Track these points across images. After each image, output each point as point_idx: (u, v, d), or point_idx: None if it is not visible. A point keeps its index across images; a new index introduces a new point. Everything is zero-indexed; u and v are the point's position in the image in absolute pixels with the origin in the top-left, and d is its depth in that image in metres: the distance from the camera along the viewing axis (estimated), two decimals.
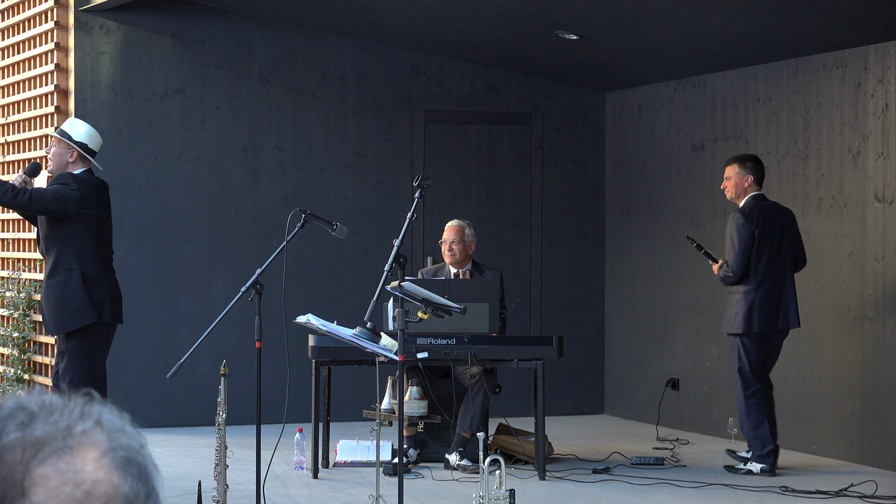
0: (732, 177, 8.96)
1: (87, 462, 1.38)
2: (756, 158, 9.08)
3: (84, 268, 7.47)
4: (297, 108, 11.03)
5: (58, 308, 7.47)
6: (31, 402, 1.41)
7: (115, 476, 1.39)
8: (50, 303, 7.53)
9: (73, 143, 7.58)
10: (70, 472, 1.37)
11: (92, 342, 7.51)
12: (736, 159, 9.06)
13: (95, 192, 7.54)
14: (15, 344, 11.02)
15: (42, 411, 1.41)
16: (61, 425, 1.40)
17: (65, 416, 1.41)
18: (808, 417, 9.58)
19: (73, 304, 7.43)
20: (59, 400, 1.43)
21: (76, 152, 7.59)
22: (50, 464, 1.37)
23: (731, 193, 8.99)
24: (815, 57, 9.56)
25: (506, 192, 11.60)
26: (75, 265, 7.45)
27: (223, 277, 10.76)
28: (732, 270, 8.76)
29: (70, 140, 7.58)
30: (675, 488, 8.27)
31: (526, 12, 9.54)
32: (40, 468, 1.37)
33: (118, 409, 1.48)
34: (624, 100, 11.63)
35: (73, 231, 7.46)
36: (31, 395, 1.43)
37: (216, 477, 6.78)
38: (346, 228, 7.11)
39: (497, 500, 6.54)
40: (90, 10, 10.47)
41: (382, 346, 6.35)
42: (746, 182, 8.92)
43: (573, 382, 11.76)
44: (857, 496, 8.05)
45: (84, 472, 1.38)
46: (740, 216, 8.83)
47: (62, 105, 10.63)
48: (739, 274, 8.75)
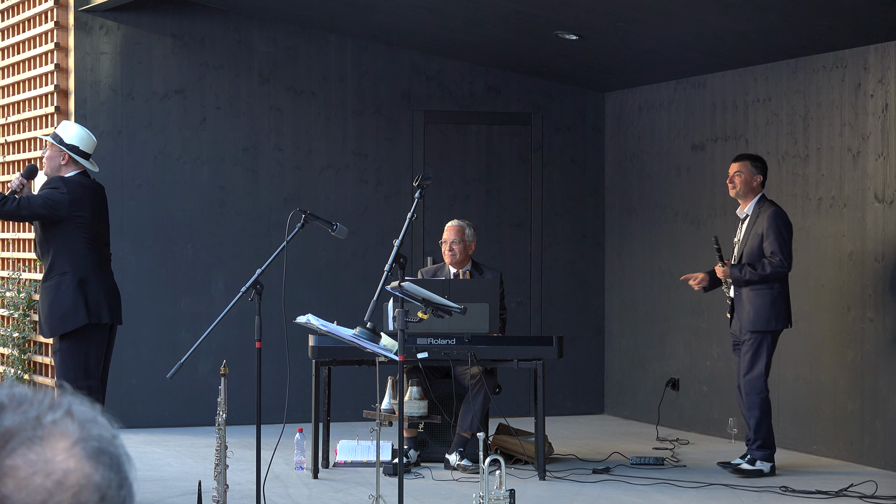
0: (744, 173, 8.86)
1: (58, 452, 1.37)
2: (764, 160, 9.06)
3: (78, 271, 7.47)
4: (296, 108, 11.03)
5: (49, 311, 7.50)
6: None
7: (87, 465, 1.38)
8: (43, 306, 7.57)
9: (64, 147, 7.59)
10: (40, 462, 1.36)
11: (85, 344, 7.51)
12: (746, 157, 8.98)
13: (87, 195, 7.53)
14: (15, 344, 11.02)
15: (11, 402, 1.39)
16: (31, 416, 1.38)
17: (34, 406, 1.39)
18: (808, 417, 9.58)
19: (63, 307, 7.45)
20: (28, 391, 1.42)
21: (67, 155, 7.60)
22: (20, 454, 1.36)
23: (737, 190, 8.88)
24: (815, 57, 9.57)
25: (506, 192, 11.60)
26: (68, 269, 7.46)
27: (223, 277, 10.76)
28: (785, 265, 8.71)
29: (61, 143, 7.59)
30: (675, 488, 8.27)
31: (526, 12, 9.55)
32: (10, 459, 1.35)
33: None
34: (624, 100, 11.63)
35: (66, 234, 7.47)
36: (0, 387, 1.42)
37: (216, 477, 6.78)
38: (346, 228, 7.11)
39: (497, 500, 6.54)
40: (90, 11, 10.47)
41: (382, 347, 6.35)
42: (755, 181, 8.87)
43: (573, 382, 11.76)
44: (856, 496, 8.05)
45: (54, 462, 1.36)
46: (784, 211, 8.82)
47: (62, 105, 10.63)
48: (790, 268, 8.75)
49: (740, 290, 8.83)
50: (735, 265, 8.83)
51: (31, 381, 11.09)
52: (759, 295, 8.77)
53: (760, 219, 8.81)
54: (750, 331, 8.77)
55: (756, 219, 8.84)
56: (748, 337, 8.80)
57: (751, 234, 8.84)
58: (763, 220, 8.78)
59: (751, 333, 8.78)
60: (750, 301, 8.79)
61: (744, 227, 8.93)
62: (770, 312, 8.75)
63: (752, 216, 8.87)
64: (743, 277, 8.75)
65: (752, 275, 8.72)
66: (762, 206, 8.85)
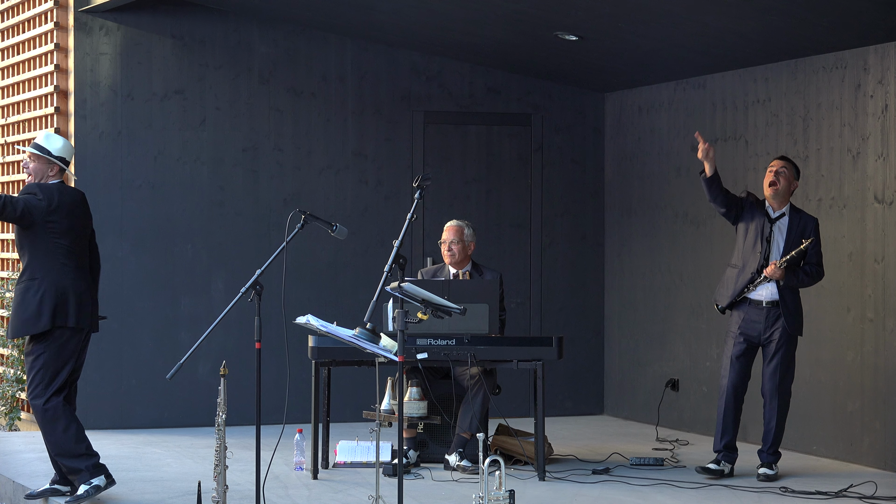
0: (786, 174, 8.66)
1: None
2: None
3: (48, 276, 7.47)
4: (296, 108, 11.03)
5: (14, 314, 7.55)
6: None
7: None
8: (12, 307, 7.60)
9: (54, 159, 7.63)
10: None
11: (55, 348, 7.51)
12: (789, 160, 8.76)
13: (64, 202, 7.53)
14: (14, 345, 11.02)
15: None
16: None
17: None
18: (808, 418, 9.58)
19: (26, 311, 7.48)
20: None
21: (57, 167, 7.64)
22: None
23: (780, 187, 8.61)
24: (815, 58, 9.57)
25: (506, 192, 11.60)
26: (38, 274, 7.48)
27: (223, 278, 10.76)
28: (822, 275, 8.66)
29: (50, 156, 7.62)
30: (674, 489, 8.28)
31: (526, 13, 9.55)
32: None
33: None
34: (624, 100, 11.63)
35: (38, 240, 7.49)
36: None
37: (216, 478, 6.79)
38: (345, 229, 7.10)
39: (497, 500, 6.55)
40: (90, 11, 10.47)
41: (382, 347, 6.36)
42: (794, 185, 8.73)
43: (573, 383, 11.76)
44: (856, 497, 8.05)
45: None
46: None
47: (62, 106, 10.63)
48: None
49: (783, 292, 8.60)
50: (789, 269, 8.58)
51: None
52: (799, 299, 8.67)
53: (804, 224, 8.63)
54: (791, 334, 8.59)
55: (798, 222, 8.64)
56: (784, 340, 8.59)
57: (793, 239, 8.61)
58: (809, 228, 8.62)
59: (791, 337, 8.60)
60: (795, 304, 8.63)
61: (783, 228, 8.65)
62: (801, 317, 8.71)
63: (793, 219, 8.65)
64: (798, 283, 8.60)
65: (804, 280, 8.60)
66: (800, 213, 8.69)
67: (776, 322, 8.62)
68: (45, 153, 7.62)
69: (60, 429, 7.50)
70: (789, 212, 8.68)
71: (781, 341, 8.61)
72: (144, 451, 9.45)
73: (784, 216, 8.67)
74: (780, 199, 8.66)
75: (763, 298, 8.65)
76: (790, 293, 8.62)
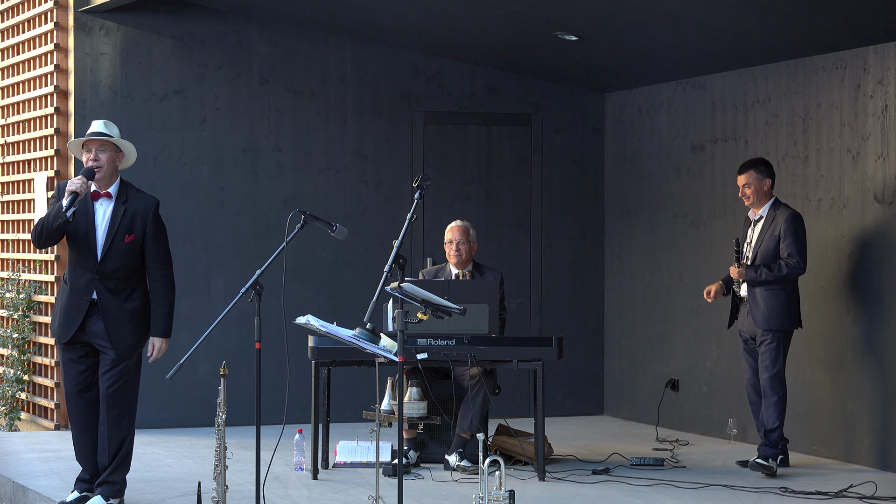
0: (752, 183, 8.94)
1: None
2: (767, 161, 9.07)
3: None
4: (296, 108, 11.03)
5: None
6: None
7: None
8: (140, 326, 7.44)
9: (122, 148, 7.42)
10: None
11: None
12: (749, 165, 9.00)
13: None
14: (15, 345, 11.02)
15: None
16: None
17: None
18: (808, 417, 9.58)
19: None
20: None
21: (121, 154, 7.52)
22: None
23: (752, 200, 8.95)
24: (815, 58, 9.57)
25: (505, 192, 11.60)
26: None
27: (223, 278, 10.76)
28: (801, 266, 8.77)
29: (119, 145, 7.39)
30: (674, 489, 8.28)
31: (525, 13, 9.55)
32: None
33: None
34: (623, 100, 11.63)
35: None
36: None
37: (216, 478, 6.79)
38: (345, 229, 7.10)
39: (497, 500, 6.55)
40: (90, 11, 10.47)
41: (382, 347, 6.36)
42: (765, 186, 8.95)
43: (573, 383, 11.76)
44: (856, 497, 8.05)
45: None
46: (800, 214, 8.90)
47: (62, 106, 10.63)
48: (805, 270, 8.83)
49: (754, 290, 8.87)
50: (750, 266, 8.86)
51: (30, 382, 11.09)
52: (773, 295, 8.82)
53: (776, 221, 8.86)
54: (765, 329, 8.82)
55: (772, 221, 8.89)
56: (766, 337, 8.84)
57: (766, 236, 8.89)
58: (780, 223, 8.84)
59: (767, 333, 8.83)
60: (765, 301, 8.83)
61: (758, 229, 8.97)
62: (784, 313, 8.82)
63: (768, 218, 8.93)
64: (759, 278, 8.80)
65: (767, 275, 8.78)
66: (777, 209, 8.92)
67: (755, 319, 8.93)
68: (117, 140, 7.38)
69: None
70: (767, 212, 8.97)
71: (762, 337, 8.88)
72: (144, 451, 9.45)
73: (762, 218, 8.99)
74: (756, 206, 9.00)
75: (738, 298, 9.09)
76: (762, 291, 8.85)
